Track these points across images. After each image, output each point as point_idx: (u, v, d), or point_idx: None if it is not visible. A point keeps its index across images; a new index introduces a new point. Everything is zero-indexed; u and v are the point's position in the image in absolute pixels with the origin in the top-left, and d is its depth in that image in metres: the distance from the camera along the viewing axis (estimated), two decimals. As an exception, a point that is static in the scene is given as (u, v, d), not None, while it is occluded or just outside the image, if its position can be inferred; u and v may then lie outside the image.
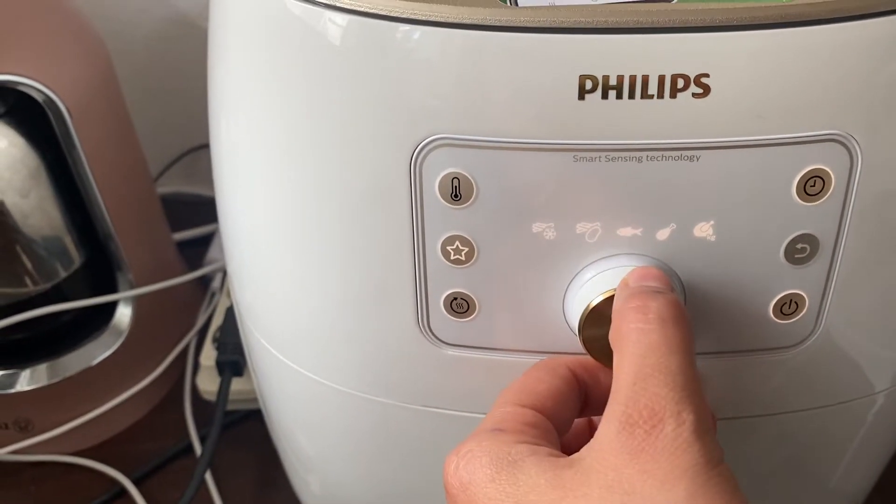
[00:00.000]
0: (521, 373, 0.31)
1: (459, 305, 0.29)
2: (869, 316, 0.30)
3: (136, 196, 0.52)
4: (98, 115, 0.47)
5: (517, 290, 0.29)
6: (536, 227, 0.27)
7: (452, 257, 0.28)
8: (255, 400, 0.47)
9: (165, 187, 0.70)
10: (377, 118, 0.27)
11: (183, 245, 0.64)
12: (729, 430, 0.33)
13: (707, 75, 0.25)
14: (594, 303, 0.27)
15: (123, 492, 0.50)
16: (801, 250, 0.27)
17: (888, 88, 0.25)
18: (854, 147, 0.26)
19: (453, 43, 0.25)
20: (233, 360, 0.50)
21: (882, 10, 0.24)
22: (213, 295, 0.59)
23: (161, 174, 0.69)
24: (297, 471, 0.42)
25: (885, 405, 0.34)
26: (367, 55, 0.26)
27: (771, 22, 0.24)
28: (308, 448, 0.39)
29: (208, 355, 0.53)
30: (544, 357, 0.30)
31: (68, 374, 0.51)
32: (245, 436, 0.53)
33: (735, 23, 0.24)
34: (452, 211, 0.27)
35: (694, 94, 0.25)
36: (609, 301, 0.27)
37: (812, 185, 0.26)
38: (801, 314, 0.29)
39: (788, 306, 0.29)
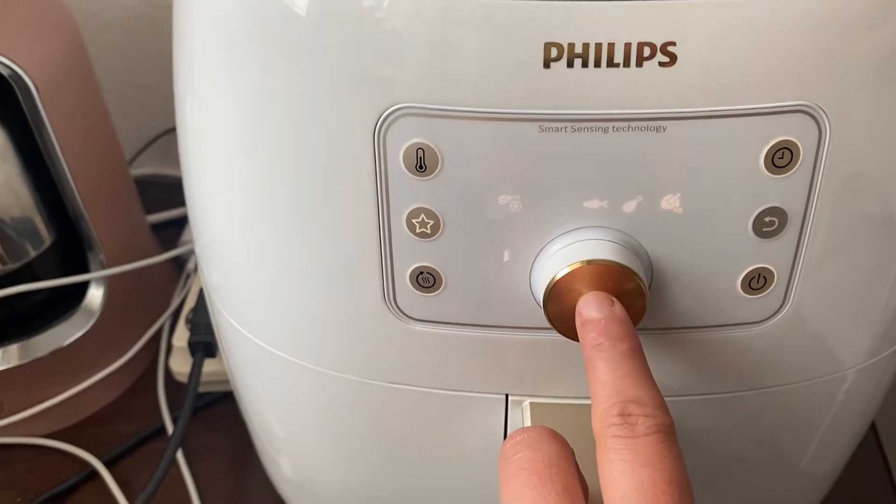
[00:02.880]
0: (490, 348, 0.30)
1: (426, 280, 0.29)
2: (839, 291, 0.30)
3: (108, 175, 0.51)
4: (67, 92, 0.46)
5: (484, 263, 0.28)
6: (502, 200, 0.27)
7: (418, 230, 0.28)
8: (228, 381, 0.46)
9: (141, 169, 0.69)
10: (341, 88, 0.26)
11: (159, 227, 0.64)
12: (699, 408, 0.33)
13: (674, 44, 0.24)
14: (559, 276, 0.27)
15: (95, 474, 0.50)
16: (769, 224, 0.27)
17: (858, 60, 0.25)
18: (823, 119, 0.26)
19: (417, 9, 0.25)
20: (205, 342, 0.49)
21: (851, -22, 0.24)
22: (187, 276, 0.59)
23: (137, 155, 0.68)
24: (269, 453, 0.42)
25: (857, 382, 0.34)
26: (333, 24, 0.25)
27: (739, -11, 0.24)
28: (278, 429, 0.39)
29: (181, 336, 0.52)
30: (513, 332, 0.30)
31: (39, 354, 0.50)
32: (219, 418, 0.52)
33: (703, -10, 0.24)
34: (417, 182, 0.27)
35: (660, 63, 0.24)
36: (574, 274, 0.27)
37: (780, 158, 0.26)
38: (770, 289, 0.29)
39: (757, 281, 0.28)
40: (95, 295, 0.52)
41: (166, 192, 0.65)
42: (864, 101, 0.26)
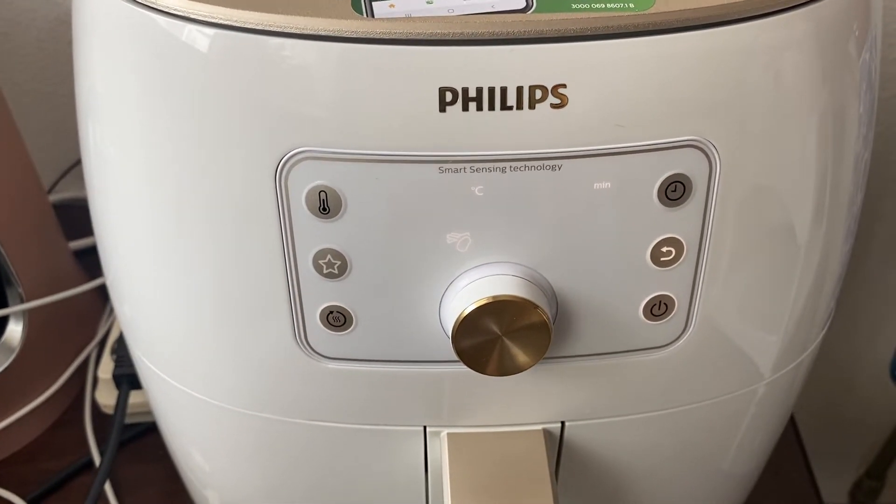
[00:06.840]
0: (405, 383, 0.31)
1: (336, 319, 0.29)
2: (739, 312, 0.31)
3: (24, 204, 0.50)
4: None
5: (393, 301, 0.29)
6: (408, 239, 0.27)
7: (325, 271, 0.28)
8: (155, 413, 0.45)
9: (63, 193, 0.67)
10: (240, 132, 0.26)
11: (83, 253, 0.62)
12: (612, 429, 0.34)
13: (564, 86, 0.25)
14: (466, 312, 0.27)
15: (20, 514, 0.48)
16: (666, 253, 0.28)
17: (743, 95, 0.26)
18: (713, 152, 0.26)
19: (310, 54, 0.25)
20: (130, 374, 0.48)
21: (733, 18, 0.25)
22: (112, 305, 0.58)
23: (59, 180, 0.67)
24: (196, 486, 0.41)
25: (768, 393, 0.35)
26: (229, 69, 0.25)
27: (626, 31, 0.24)
28: (203, 463, 0.39)
29: (107, 368, 0.51)
30: (426, 366, 0.30)
31: (-42, 393, 0.49)
32: (149, 448, 0.51)
33: (590, 32, 0.24)
34: (322, 224, 0.27)
35: (552, 105, 0.25)
36: (481, 310, 0.27)
37: (673, 191, 0.27)
38: (672, 315, 0.29)
39: (658, 307, 0.29)
40: (15, 330, 0.50)
41: (90, 215, 0.63)
42: (752, 134, 0.27)
